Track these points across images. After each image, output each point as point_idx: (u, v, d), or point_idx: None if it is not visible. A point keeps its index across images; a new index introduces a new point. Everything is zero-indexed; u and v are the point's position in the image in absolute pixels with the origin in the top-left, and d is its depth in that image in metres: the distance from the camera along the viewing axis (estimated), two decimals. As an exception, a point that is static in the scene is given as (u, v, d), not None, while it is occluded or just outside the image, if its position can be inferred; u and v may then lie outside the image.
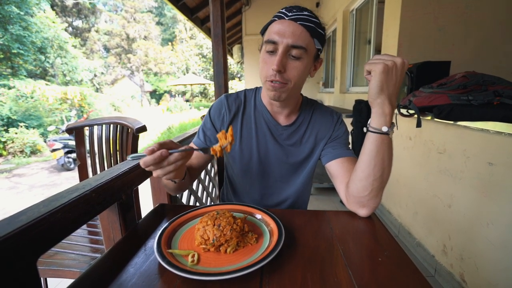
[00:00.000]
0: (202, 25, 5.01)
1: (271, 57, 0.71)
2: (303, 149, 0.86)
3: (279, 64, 0.67)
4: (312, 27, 0.69)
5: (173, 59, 21.01)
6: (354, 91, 3.45)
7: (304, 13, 0.69)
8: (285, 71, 0.70)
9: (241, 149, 0.86)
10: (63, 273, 0.95)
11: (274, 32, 0.69)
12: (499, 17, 1.94)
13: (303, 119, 0.86)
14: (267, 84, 0.73)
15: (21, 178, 5.04)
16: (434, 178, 1.65)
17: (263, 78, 0.74)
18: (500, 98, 1.23)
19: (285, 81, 0.71)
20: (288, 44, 0.67)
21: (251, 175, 0.89)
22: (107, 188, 0.59)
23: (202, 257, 0.51)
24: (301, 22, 0.68)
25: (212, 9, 1.58)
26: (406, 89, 1.83)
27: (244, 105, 0.87)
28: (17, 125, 7.17)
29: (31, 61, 10.55)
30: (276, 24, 0.69)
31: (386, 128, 0.62)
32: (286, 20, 0.68)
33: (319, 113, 0.88)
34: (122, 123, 1.35)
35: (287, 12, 0.69)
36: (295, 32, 0.67)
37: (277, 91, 0.72)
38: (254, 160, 0.86)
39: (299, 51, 0.68)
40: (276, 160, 0.86)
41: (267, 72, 0.72)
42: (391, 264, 0.48)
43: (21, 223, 0.39)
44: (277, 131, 0.85)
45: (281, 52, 0.68)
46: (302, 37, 0.68)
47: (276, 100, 0.75)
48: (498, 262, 1.20)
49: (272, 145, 0.85)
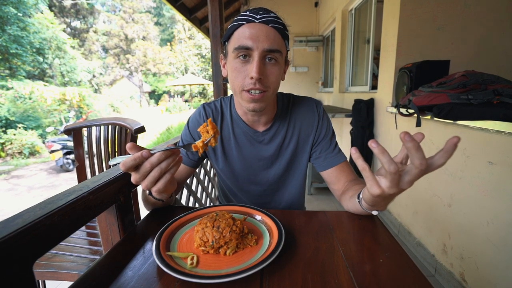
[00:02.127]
0: (201, 25, 4.99)
1: (244, 65, 0.65)
2: (288, 150, 0.83)
3: (258, 71, 0.63)
4: (282, 29, 0.66)
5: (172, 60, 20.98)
6: (353, 90, 3.45)
7: (271, 15, 0.66)
8: (264, 78, 0.66)
9: (225, 162, 0.84)
10: (61, 276, 0.94)
11: (245, 37, 0.63)
12: (498, 15, 1.94)
13: (281, 118, 0.82)
14: (243, 94, 0.68)
15: (19, 180, 5.02)
16: (434, 178, 1.65)
17: (238, 88, 0.68)
18: (500, 97, 1.23)
19: (265, 89, 0.66)
20: (264, 48, 0.63)
21: (240, 186, 0.88)
22: (105, 190, 0.58)
23: (201, 259, 0.50)
24: (273, 25, 0.64)
25: (211, 9, 1.57)
26: (406, 88, 1.83)
27: (221, 115, 0.83)
28: (16, 126, 7.16)
29: (29, 62, 10.51)
30: (246, 28, 0.64)
31: (376, 212, 0.61)
32: (256, 23, 0.63)
33: (298, 106, 0.83)
34: (121, 124, 1.34)
35: (254, 15, 0.64)
36: (269, 35, 0.63)
37: (256, 102, 0.68)
38: (239, 172, 0.85)
39: (275, 54, 0.65)
40: (262, 168, 0.84)
41: (242, 82, 0.66)
42: (393, 265, 0.48)
43: (16, 226, 0.39)
44: (257, 138, 0.81)
45: (258, 58, 0.63)
46: (276, 40, 0.64)
47: (256, 111, 0.70)
48: (498, 261, 1.20)
49: (254, 154, 0.83)
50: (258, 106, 0.69)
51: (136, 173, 0.51)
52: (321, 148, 0.82)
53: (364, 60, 3.17)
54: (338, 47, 3.82)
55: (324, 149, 0.82)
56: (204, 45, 19.51)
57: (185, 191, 1.13)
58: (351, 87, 3.62)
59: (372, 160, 2.58)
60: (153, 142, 7.87)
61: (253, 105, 0.68)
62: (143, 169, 0.50)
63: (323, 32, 5.08)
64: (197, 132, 0.83)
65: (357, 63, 3.52)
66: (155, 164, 0.50)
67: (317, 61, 5.52)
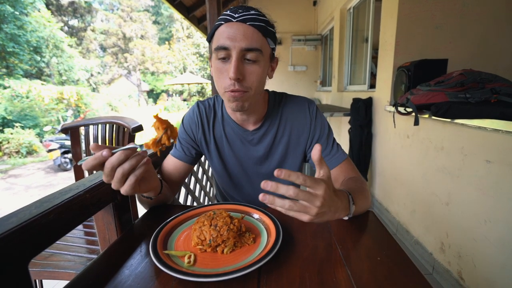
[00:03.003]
0: (199, 24, 4.98)
1: (225, 65, 0.64)
2: (278, 150, 0.82)
3: (235, 71, 0.61)
4: (263, 26, 0.64)
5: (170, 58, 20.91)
6: (352, 89, 3.45)
7: (252, 12, 0.64)
8: (243, 78, 0.64)
9: (219, 161, 0.84)
10: (59, 275, 0.93)
11: (223, 37, 0.62)
12: (496, 14, 1.95)
13: (272, 118, 0.81)
14: (226, 95, 0.67)
15: (17, 179, 4.99)
16: (432, 176, 1.65)
17: (221, 89, 0.68)
18: (498, 96, 1.23)
19: (245, 89, 0.65)
20: (242, 48, 0.61)
21: (234, 185, 0.87)
22: (102, 189, 0.58)
23: (198, 258, 0.50)
24: (251, 23, 0.62)
25: (209, 7, 1.57)
26: (404, 87, 1.83)
27: (214, 113, 0.83)
28: (13, 126, 7.10)
29: (27, 60, 10.44)
30: (224, 28, 0.63)
31: (346, 217, 0.59)
32: (234, 22, 0.62)
33: (290, 105, 0.82)
34: (118, 123, 1.34)
35: (233, 14, 0.63)
36: (246, 34, 0.62)
37: (238, 101, 0.67)
38: (233, 171, 0.84)
39: (255, 53, 0.63)
40: (253, 167, 0.84)
41: (224, 83, 0.65)
42: (390, 263, 0.48)
43: (11, 225, 0.38)
44: (247, 137, 0.81)
45: (236, 58, 0.62)
46: (255, 38, 0.63)
47: (239, 111, 0.69)
48: (495, 260, 1.20)
49: (245, 153, 0.82)
50: (240, 104, 0.67)
51: (103, 174, 0.50)
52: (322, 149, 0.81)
53: (363, 59, 3.17)
54: (337, 46, 3.82)
55: (322, 149, 0.81)
56: (202, 44, 19.44)
57: (183, 189, 1.13)
58: (350, 86, 3.62)
59: (370, 159, 2.59)
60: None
61: (235, 104, 0.67)
62: (105, 169, 0.48)
63: (321, 31, 5.08)
64: (192, 130, 0.82)
65: (356, 62, 3.52)
66: (115, 164, 0.48)
67: (316, 60, 5.52)
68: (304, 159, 0.86)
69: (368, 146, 2.56)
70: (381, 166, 2.42)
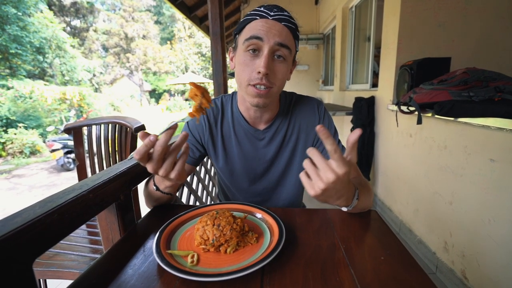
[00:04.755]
0: (201, 24, 4.98)
1: (253, 59, 0.65)
2: (288, 149, 0.83)
3: (266, 65, 0.63)
4: (294, 28, 0.66)
5: (172, 58, 20.95)
6: (354, 88, 3.44)
7: (286, 14, 0.66)
8: (271, 74, 0.66)
9: (225, 161, 0.84)
10: (62, 274, 0.94)
11: (257, 29, 0.63)
12: (499, 12, 1.93)
13: (282, 117, 0.82)
14: (249, 89, 0.67)
15: (20, 179, 5.03)
16: (435, 175, 1.64)
17: (244, 82, 0.68)
18: (502, 94, 1.22)
19: (271, 85, 0.66)
20: (276, 41, 0.63)
21: (239, 184, 0.87)
22: (105, 189, 0.58)
23: (201, 257, 0.50)
24: (285, 23, 0.64)
25: (211, 7, 1.57)
26: (407, 86, 1.82)
27: (222, 113, 0.83)
28: (16, 126, 7.16)
29: (30, 61, 10.51)
30: (259, 22, 0.64)
31: (346, 209, 0.60)
32: (270, 19, 0.64)
33: (299, 105, 0.84)
34: (121, 123, 1.34)
35: (268, 11, 0.65)
36: (281, 31, 0.64)
37: (261, 98, 0.68)
38: (239, 170, 0.84)
39: (286, 50, 0.65)
40: (261, 167, 0.84)
41: (250, 76, 0.66)
42: (394, 263, 0.48)
43: (16, 225, 0.38)
44: (257, 136, 0.81)
45: (268, 52, 0.63)
46: (288, 37, 0.65)
47: (259, 107, 0.70)
48: (499, 259, 1.20)
49: (254, 152, 0.82)
50: (262, 101, 0.68)
51: (151, 161, 0.52)
52: (323, 149, 0.81)
53: (365, 58, 3.16)
54: (339, 45, 3.81)
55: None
56: (204, 44, 19.47)
57: (186, 189, 1.13)
58: (352, 85, 3.61)
59: (373, 158, 2.58)
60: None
61: (257, 100, 0.68)
62: (155, 153, 0.51)
63: (323, 30, 5.06)
64: (198, 131, 0.83)
65: (358, 61, 3.51)
66: (164, 145, 0.51)
67: (318, 59, 5.51)
68: None
69: (370, 145, 2.55)
70: (384, 165, 2.41)
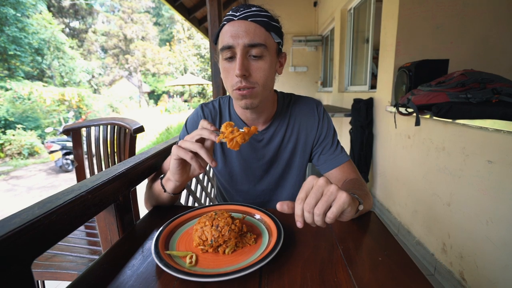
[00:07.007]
0: (200, 25, 4.98)
1: (231, 64, 0.66)
2: (287, 150, 0.83)
3: (241, 67, 0.62)
4: (265, 21, 0.65)
5: (171, 60, 20.95)
6: (353, 90, 3.45)
7: (253, 9, 0.65)
8: (249, 75, 0.65)
9: (224, 163, 0.84)
10: (61, 276, 0.94)
11: (227, 37, 0.64)
12: (497, 14, 1.95)
13: (281, 118, 0.82)
14: (234, 93, 0.68)
15: (19, 180, 5.01)
16: (433, 177, 1.65)
17: (229, 88, 0.69)
18: (499, 96, 1.23)
19: (252, 85, 0.66)
20: (245, 44, 0.62)
21: (237, 187, 0.87)
22: (104, 190, 0.58)
23: (200, 258, 0.50)
24: (253, 19, 0.63)
25: (210, 9, 1.57)
26: (405, 87, 1.83)
27: (220, 115, 0.83)
28: (15, 127, 7.14)
29: (28, 62, 10.49)
30: (227, 27, 0.64)
31: None
32: (236, 20, 0.64)
33: (298, 106, 0.83)
34: (120, 124, 1.34)
35: (234, 13, 0.65)
36: (248, 30, 0.63)
37: (247, 99, 0.67)
38: (237, 172, 0.84)
39: (259, 49, 0.64)
40: (260, 168, 0.84)
41: (231, 81, 0.66)
42: (392, 264, 0.48)
43: (14, 225, 0.38)
44: (256, 137, 0.81)
45: (240, 55, 0.63)
46: (257, 33, 0.63)
47: (249, 108, 0.70)
48: (498, 260, 1.20)
49: (253, 154, 0.82)
50: (249, 102, 0.68)
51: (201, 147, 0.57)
52: (323, 149, 0.82)
53: (363, 60, 3.17)
54: (337, 47, 3.83)
55: (326, 149, 0.81)
56: (203, 45, 19.48)
57: (184, 190, 1.13)
58: (350, 86, 3.62)
59: (371, 159, 2.59)
60: (152, 143, 7.86)
61: (244, 102, 0.68)
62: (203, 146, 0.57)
63: (322, 31, 5.08)
64: None
65: (356, 63, 3.52)
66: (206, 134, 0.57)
67: (316, 61, 5.52)
68: (309, 159, 0.86)
69: (369, 146, 2.55)
70: (382, 167, 2.41)
